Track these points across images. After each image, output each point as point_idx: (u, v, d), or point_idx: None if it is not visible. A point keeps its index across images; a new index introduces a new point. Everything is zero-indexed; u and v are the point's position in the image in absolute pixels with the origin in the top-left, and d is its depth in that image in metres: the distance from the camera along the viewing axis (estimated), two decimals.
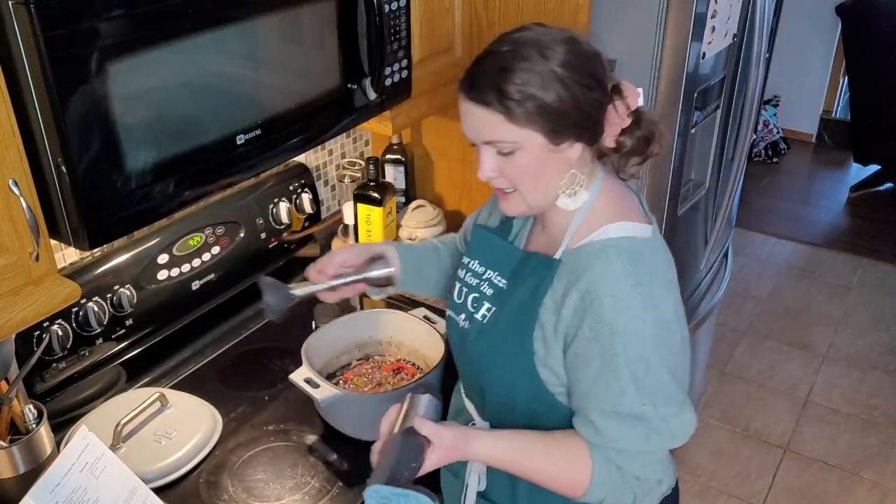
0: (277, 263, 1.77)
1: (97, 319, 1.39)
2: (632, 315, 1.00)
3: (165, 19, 0.99)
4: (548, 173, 1.03)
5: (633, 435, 1.02)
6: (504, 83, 0.97)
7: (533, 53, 0.98)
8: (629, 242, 1.04)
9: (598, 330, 1.00)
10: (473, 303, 1.16)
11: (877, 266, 3.69)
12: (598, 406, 1.02)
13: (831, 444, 2.71)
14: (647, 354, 1.00)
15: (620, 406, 1.01)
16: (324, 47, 1.27)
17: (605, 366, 1.00)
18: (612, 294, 1.00)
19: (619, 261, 1.02)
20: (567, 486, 1.06)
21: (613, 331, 0.99)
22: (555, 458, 1.06)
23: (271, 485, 1.29)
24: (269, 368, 1.57)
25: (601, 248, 1.03)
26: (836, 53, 4.54)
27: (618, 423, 1.02)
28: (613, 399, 1.01)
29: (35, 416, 1.23)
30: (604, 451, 1.03)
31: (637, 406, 1.01)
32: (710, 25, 1.77)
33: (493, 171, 1.04)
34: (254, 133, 1.16)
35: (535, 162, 1.02)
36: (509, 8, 1.70)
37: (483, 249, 1.19)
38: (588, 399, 1.03)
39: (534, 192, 1.05)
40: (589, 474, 1.03)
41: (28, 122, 0.91)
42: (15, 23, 0.85)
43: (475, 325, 1.15)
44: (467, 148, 1.91)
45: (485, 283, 1.16)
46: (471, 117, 1.02)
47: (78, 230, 0.98)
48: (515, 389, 1.10)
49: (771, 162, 4.62)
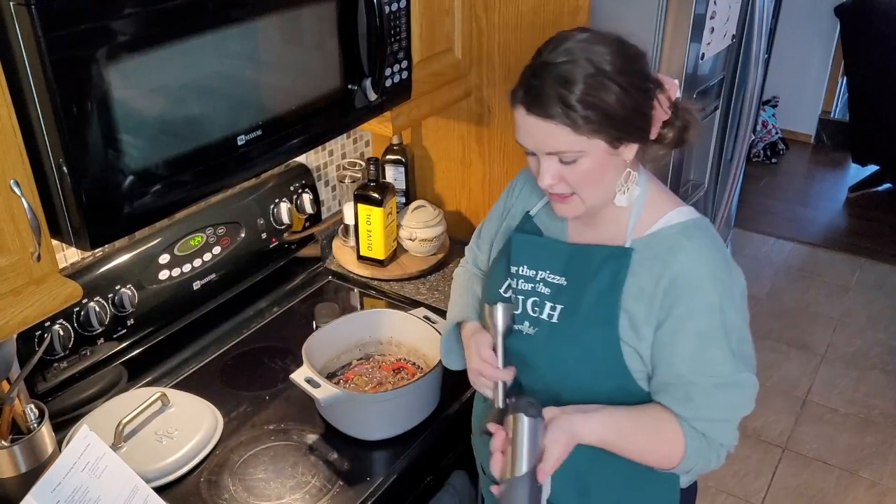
0: (278, 264, 1.77)
1: (98, 319, 1.39)
2: (727, 288, 1.07)
3: (166, 20, 0.99)
4: (608, 176, 1.07)
5: (725, 403, 1.08)
6: (568, 95, 0.98)
7: (590, 61, 0.99)
8: (702, 223, 1.11)
9: (696, 306, 1.05)
10: (534, 307, 1.15)
11: (875, 266, 3.69)
12: (694, 380, 1.06)
13: (830, 444, 2.71)
14: (740, 323, 1.08)
15: (720, 376, 1.06)
16: (324, 48, 1.27)
17: (706, 340, 1.06)
18: (710, 272, 1.06)
19: (706, 239, 1.08)
20: (665, 457, 1.10)
21: (713, 305, 1.05)
22: (652, 432, 1.09)
23: (272, 484, 1.30)
24: (270, 368, 1.57)
25: (682, 230, 1.09)
26: (835, 54, 4.54)
27: (711, 394, 1.06)
28: (713, 370, 1.06)
29: (36, 415, 1.23)
30: (692, 422, 1.08)
31: (734, 374, 1.07)
32: (709, 26, 1.77)
33: (554, 178, 1.05)
34: (255, 134, 1.16)
35: (597, 167, 1.04)
36: (509, 8, 1.70)
37: (529, 253, 1.18)
38: (682, 375, 1.07)
39: (594, 194, 1.08)
40: (683, 445, 1.08)
41: (29, 122, 0.92)
42: (16, 23, 0.86)
43: (543, 327, 1.14)
44: (467, 148, 1.91)
45: (539, 284, 1.16)
46: (534, 131, 1.03)
47: (79, 230, 0.98)
48: (600, 382, 1.11)
49: (770, 162, 4.63)
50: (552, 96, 0.99)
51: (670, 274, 1.06)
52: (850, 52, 4.01)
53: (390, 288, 1.82)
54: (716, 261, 1.08)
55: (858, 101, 4.09)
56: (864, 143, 4.20)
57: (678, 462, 1.09)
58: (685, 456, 1.09)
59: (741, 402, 1.10)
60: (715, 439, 1.10)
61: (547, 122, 1.00)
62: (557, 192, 1.08)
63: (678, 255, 1.06)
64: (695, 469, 1.11)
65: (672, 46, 1.67)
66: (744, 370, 1.08)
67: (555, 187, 1.07)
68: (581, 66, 0.99)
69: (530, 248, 1.19)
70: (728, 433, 1.11)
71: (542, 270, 1.16)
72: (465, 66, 1.74)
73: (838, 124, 4.74)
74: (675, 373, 1.08)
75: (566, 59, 1.00)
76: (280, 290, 1.79)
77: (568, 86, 0.98)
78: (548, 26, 1.68)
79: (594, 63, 0.99)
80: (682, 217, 1.11)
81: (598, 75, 0.99)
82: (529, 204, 1.25)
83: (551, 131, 1.01)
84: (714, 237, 1.11)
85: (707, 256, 1.07)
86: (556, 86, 0.99)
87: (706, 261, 1.07)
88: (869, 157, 4.26)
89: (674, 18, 1.65)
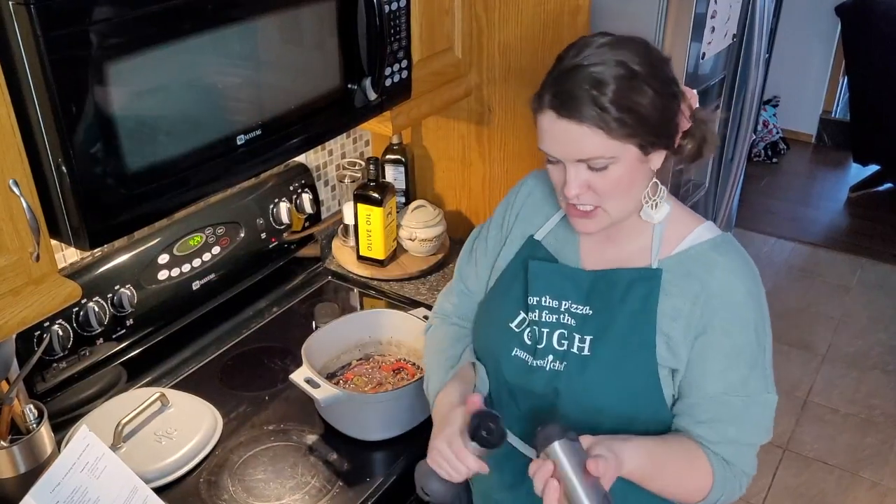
0: (278, 264, 1.77)
1: (98, 319, 1.39)
2: (761, 306, 1.06)
3: (166, 20, 0.99)
4: (637, 185, 1.03)
5: (750, 424, 1.06)
6: (601, 97, 0.94)
7: (620, 63, 0.95)
8: (729, 238, 1.09)
9: (733, 324, 1.03)
10: (561, 339, 1.09)
11: (876, 266, 3.69)
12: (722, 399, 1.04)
13: (830, 444, 2.71)
14: (768, 344, 1.08)
15: (749, 395, 1.04)
16: (324, 47, 1.27)
17: (738, 357, 1.04)
18: (746, 288, 1.04)
19: (739, 255, 1.07)
20: (696, 489, 1.06)
21: (748, 322, 1.04)
22: (684, 461, 1.06)
23: (271, 484, 1.29)
24: (270, 368, 1.57)
25: (713, 246, 1.06)
26: (836, 53, 4.54)
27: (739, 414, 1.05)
28: (744, 389, 1.04)
29: (35, 415, 1.23)
30: (716, 447, 1.05)
31: (762, 394, 1.06)
32: (709, 26, 1.77)
33: (581, 188, 1.00)
34: (254, 133, 1.16)
35: (627, 174, 0.99)
36: (509, 8, 1.70)
37: (551, 281, 1.11)
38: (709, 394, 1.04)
39: (622, 205, 1.03)
40: (711, 474, 1.05)
41: (28, 122, 0.91)
42: (15, 23, 0.85)
43: (573, 361, 1.08)
44: (467, 148, 1.91)
45: (565, 315, 1.09)
46: (563, 136, 0.97)
47: (78, 230, 0.98)
48: (636, 411, 1.07)
49: (770, 162, 4.63)
50: (584, 98, 0.94)
51: (707, 292, 1.03)
52: (851, 52, 4.00)
53: (390, 288, 1.82)
54: (750, 277, 1.06)
55: (859, 100, 4.09)
56: (865, 142, 4.20)
57: (706, 493, 1.05)
58: (713, 486, 1.05)
59: (765, 423, 1.08)
60: (737, 466, 1.07)
61: (579, 126, 0.95)
62: (582, 202, 1.02)
63: (714, 272, 1.04)
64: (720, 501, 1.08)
65: (673, 46, 1.67)
66: (772, 390, 1.07)
67: (581, 197, 1.01)
68: (612, 68, 0.95)
69: (552, 276, 1.11)
70: (750, 459, 1.09)
71: (566, 300, 1.10)
72: (465, 66, 1.74)
73: (839, 124, 4.74)
74: (703, 393, 1.05)
75: (596, 61, 0.96)
76: (280, 290, 1.78)
77: (601, 87, 0.94)
78: (548, 25, 1.67)
79: (625, 65, 0.95)
80: (710, 233, 1.08)
81: (631, 78, 0.95)
82: (532, 226, 1.18)
83: (583, 135, 0.96)
84: (744, 253, 1.08)
85: (742, 272, 1.05)
86: (588, 87, 0.94)
87: (742, 277, 1.05)
88: (870, 157, 4.26)
89: (674, 18, 1.65)
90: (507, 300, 1.16)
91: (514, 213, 1.21)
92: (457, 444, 1.04)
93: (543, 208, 1.18)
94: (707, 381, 1.04)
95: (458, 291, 1.29)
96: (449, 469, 1.05)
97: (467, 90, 1.77)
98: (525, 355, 1.12)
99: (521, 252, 1.17)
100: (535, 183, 1.21)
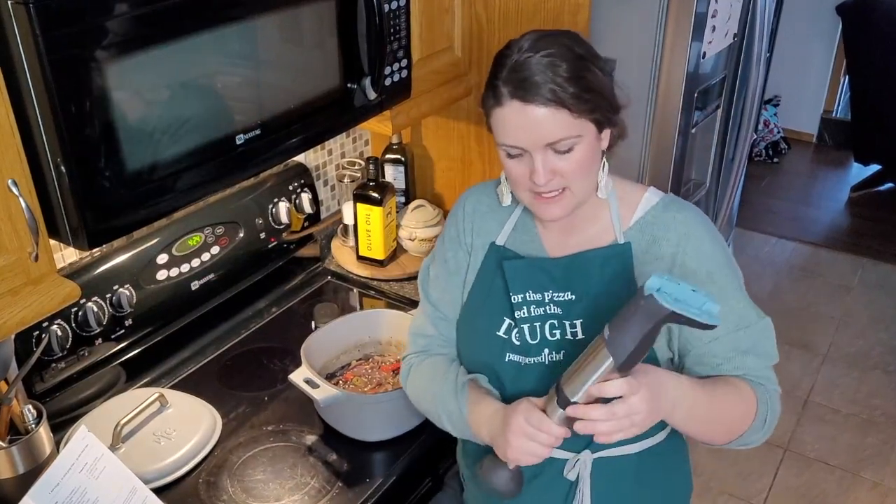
0: (277, 263, 1.77)
1: (96, 319, 1.38)
2: (724, 246, 1.12)
3: (165, 19, 0.98)
4: (595, 164, 1.09)
5: (762, 350, 1.11)
6: (559, 78, 1.00)
7: (567, 48, 1.02)
8: (672, 196, 1.15)
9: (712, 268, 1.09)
10: (552, 330, 1.12)
11: (877, 266, 3.68)
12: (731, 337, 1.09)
13: (832, 444, 2.71)
14: (741, 278, 1.13)
15: (749, 326, 1.10)
16: (323, 47, 1.26)
17: (727, 295, 1.08)
18: (709, 234, 1.11)
19: (689, 208, 1.13)
20: (747, 412, 1.09)
21: (722, 262, 1.10)
22: (726, 386, 1.08)
23: (271, 485, 1.29)
24: (269, 368, 1.56)
25: (665, 207, 1.12)
26: (837, 53, 4.53)
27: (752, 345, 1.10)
28: (744, 320, 1.10)
29: (34, 416, 1.23)
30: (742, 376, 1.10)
31: (758, 321, 1.11)
32: (710, 25, 1.76)
33: (550, 173, 1.04)
34: (253, 133, 1.16)
35: (590, 153, 1.05)
36: (509, 8, 1.70)
37: (528, 277, 1.13)
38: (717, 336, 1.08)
39: (586, 185, 1.09)
40: (754, 401, 1.09)
41: (27, 122, 0.91)
42: (14, 23, 0.85)
43: (569, 347, 1.10)
44: (467, 147, 1.91)
45: (550, 306, 1.12)
46: (530, 123, 1.01)
47: (77, 230, 0.98)
48: None
49: (771, 162, 4.62)
50: (545, 81, 0.99)
51: (675, 249, 1.09)
52: (852, 51, 4.00)
53: (390, 288, 1.82)
54: (705, 223, 1.12)
55: (860, 100, 4.08)
56: (867, 142, 4.19)
57: (755, 410, 1.08)
58: (758, 401, 1.09)
59: (769, 345, 1.13)
60: (770, 385, 1.12)
61: (546, 109, 1.00)
62: (549, 189, 1.05)
63: (677, 228, 1.10)
64: (769, 420, 1.10)
65: (673, 45, 1.67)
66: (763, 315, 1.12)
67: (551, 183, 1.04)
68: (561, 51, 1.01)
69: (528, 271, 1.14)
70: (773, 377, 1.13)
71: (547, 291, 1.12)
72: (464, 65, 1.73)
73: (840, 123, 4.73)
74: (708, 338, 1.08)
75: (543, 49, 1.01)
76: (279, 290, 1.78)
77: (556, 69, 1.00)
78: (548, 24, 1.67)
79: (571, 49, 1.02)
80: (656, 196, 1.14)
81: (579, 59, 1.02)
82: (491, 235, 1.19)
83: (549, 117, 1.00)
84: (690, 204, 1.15)
85: (698, 221, 1.12)
86: (545, 70, 1.00)
87: (700, 225, 1.11)
88: (871, 157, 4.25)
89: (675, 17, 1.65)
90: (487, 310, 1.17)
91: (467, 228, 1.23)
92: (535, 416, 1.01)
93: (496, 216, 1.21)
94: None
95: (435, 320, 1.26)
96: (535, 446, 1.01)
97: (467, 90, 1.77)
98: (518, 357, 1.13)
99: (488, 260, 1.18)
100: (476, 197, 1.24)
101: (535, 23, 1.68)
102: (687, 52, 1.68)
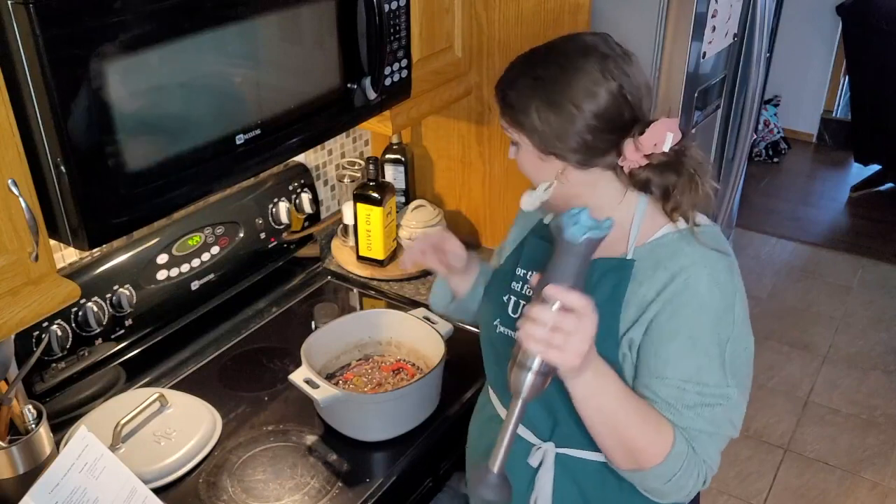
0: (277, 264, 1.77)
1: (96, 319, 1.38)
2: (725, 297, 1.02)
3: (165, 19, 0.98)
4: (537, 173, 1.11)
5: (707, 416, 1.02)
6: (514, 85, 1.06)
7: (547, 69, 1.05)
8: (708, 228, 1.08)
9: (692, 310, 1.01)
10: None
11: (877, 266, 3.68)
12: (678, 385, 1.01)
13: (832, 445, 2.71)
14: (736, 334, 1.03)
15: (705, 386, 1.01)
16: (323, 47, 1.26)
17: (695, 346, 1.01)
18: (710, 277, 1.02)
19: (710, 243, 1.05)
20: (651, 445, 1.00)
21: (708, 310, 1.01)
22: (646, 411, 1.01)
23: (271, 485, 1.29)
24: (269, 368, 1.56)
25: (682, 236, 1.06)
26: (837, 53, 4.53)
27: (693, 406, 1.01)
28: (699, 378, 1.01)
29: (34, 416, 1.23)
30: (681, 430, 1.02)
31: (719, 388, 1.02)
32: (710, 25, 1.77)
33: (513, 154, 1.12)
34: (253, 133, 1.16)
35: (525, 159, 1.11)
36: (509, 8, 1.70)
37: (538, 259, 1.15)
38: (666, 377, 1.02)
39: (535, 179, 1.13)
40: (670, 444, 1.00)
41: (27, 121, 0.91)
42: (14, 22, 0.85)
43: None
44: (467, 147, 1.91)
45: None
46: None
47: (77, 230, 0.98)
48: None
49: (771, 162, 4.62)
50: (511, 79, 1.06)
51: (668, 277, 1.02)
52: (852, 51, 4.00)
53: (390, 288, 1.81)
54: (718, 267, 1.03)
55: (860, 100, 4.09)
56: (867, 142, 4.19)
57: (662, 458, 1.00)
58: (670, 454, 1.00)
59: (727, 416, 1.04)
60: (701, 453, 1.02)
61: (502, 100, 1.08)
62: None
63: (679, 259, 1.03)
64: (680, 482, 1.02)
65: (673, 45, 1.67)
66: (732, 384, 1.03)
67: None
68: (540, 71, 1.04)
69: (542, 255, 1.14)
70: (711, 450, 1.03)
71: None
72: (465, 65, 1.73)
73: (840, 123, 4.73)
74: (658, 374, 1.03)
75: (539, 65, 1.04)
76: (279, 290, 1.78)
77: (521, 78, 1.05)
78: (548, 24, 1.67)
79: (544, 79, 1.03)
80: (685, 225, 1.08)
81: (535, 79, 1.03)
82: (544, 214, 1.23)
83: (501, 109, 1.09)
84: (717, 241, 1.06)
85: (708, 260, 1.03)
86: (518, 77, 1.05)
87: (706, 265, 1.03)
88: (871, 157, 4.25)
89: (675, 17, 1.65)
90: (502, 275, 1.23)
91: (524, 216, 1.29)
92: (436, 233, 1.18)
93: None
94: (660, 365, 1.02)
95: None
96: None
97: (467, 89, 1.77)
98: (505, 330, 1.18)
99: (535, 229, 1.24)
100: None
101: (535, 23, 1.68)
102: (687, 52, 1.68)
